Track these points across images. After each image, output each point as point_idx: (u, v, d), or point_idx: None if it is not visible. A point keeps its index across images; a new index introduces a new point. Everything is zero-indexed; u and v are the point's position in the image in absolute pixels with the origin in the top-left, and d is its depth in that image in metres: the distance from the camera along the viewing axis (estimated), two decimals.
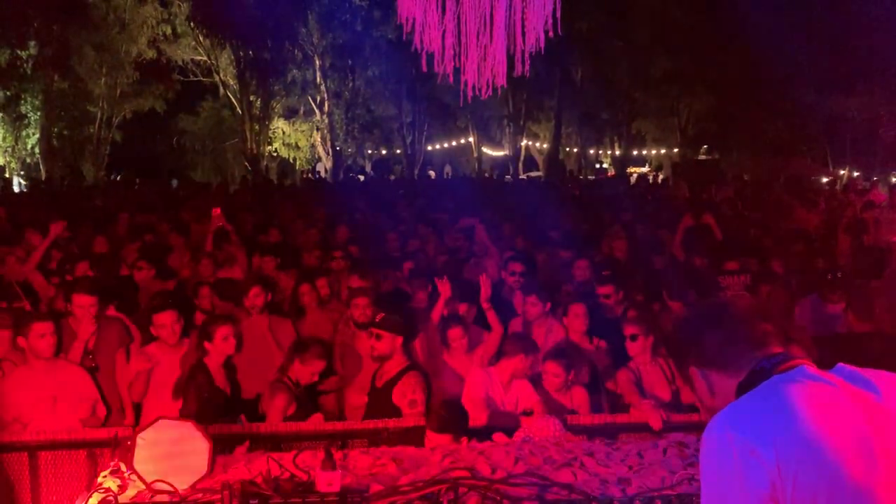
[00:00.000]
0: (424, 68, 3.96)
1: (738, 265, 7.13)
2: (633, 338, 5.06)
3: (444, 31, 3.89)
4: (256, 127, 28.26)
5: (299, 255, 8.27)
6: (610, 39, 29.03)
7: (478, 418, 4.39)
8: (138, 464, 2.75)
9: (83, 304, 5.18)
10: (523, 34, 3.92)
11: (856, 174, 26.34)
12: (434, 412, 3.92)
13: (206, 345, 4.67)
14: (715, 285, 6.76)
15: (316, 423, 4.45)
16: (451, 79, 3.99)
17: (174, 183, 28.64)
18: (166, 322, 5.06)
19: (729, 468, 1.53)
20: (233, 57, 27.39)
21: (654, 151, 38.50)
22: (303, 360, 4.83)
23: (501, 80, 4.05)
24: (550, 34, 3.91)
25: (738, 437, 1.53)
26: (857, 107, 24.48)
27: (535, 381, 4.93)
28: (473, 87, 4.03)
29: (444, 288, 5.80)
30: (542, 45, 3.93)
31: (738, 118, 28.53)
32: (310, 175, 30.14)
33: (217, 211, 8.09)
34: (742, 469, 1.51)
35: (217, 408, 4.45)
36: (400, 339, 4.77)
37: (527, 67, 3.96)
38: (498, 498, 2.57)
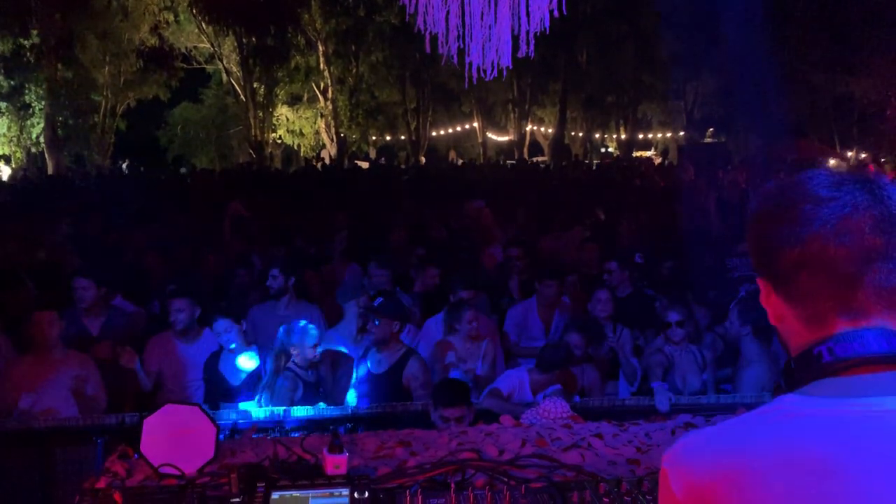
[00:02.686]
0: (428, 49, 3.92)
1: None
2: (680, 324, 5.11)
3: (448, 12, 3.85)
4: (260, 114, 28.20)
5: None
6: (615, 21, 28.81)
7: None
8: (145, 448, 2.75)
9: (83, 287, 5.20)
10: (528, 14, 3.87)
11: (863, 155, 26.15)
12: (439, 388, 3.95)
13: None
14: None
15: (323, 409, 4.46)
16: (456, 60, 3.95)
17: (183, 170, 28.64)
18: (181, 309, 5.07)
19: None
20: (236, 44, 27.30)
21: (660, 135, 38.33)
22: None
23: (506, 62, 4.01)
24: (556, 14, 3.85)
25: (680, 479, 1.13)
26: (864, 88, 24.27)
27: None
28: (478, 69, 3.99)
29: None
30: (548, 25, 3.89)
31: (744, 100, 28.34)
32: (315, 162, 30.12)
33: (237, 200, 8.19)
34: None
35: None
36: (396, 325, 4.77)
37: (531, 48, 3.91)
38: (506, 479, 2.56)
